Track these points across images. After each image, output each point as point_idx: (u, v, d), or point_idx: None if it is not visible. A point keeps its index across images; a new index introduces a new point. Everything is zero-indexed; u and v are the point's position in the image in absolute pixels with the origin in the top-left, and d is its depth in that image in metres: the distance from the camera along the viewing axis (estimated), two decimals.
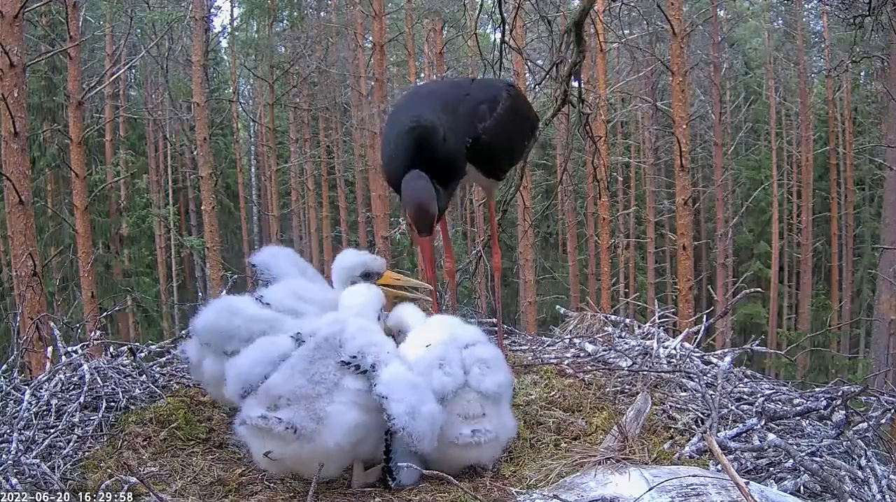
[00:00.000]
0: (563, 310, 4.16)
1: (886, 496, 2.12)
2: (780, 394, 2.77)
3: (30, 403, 2.55)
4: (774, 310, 20.64)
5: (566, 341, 3.71)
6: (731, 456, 2.21)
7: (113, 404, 2.69)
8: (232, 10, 22.36)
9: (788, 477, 2.14)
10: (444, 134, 2.59)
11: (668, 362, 3.12)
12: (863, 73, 20.93)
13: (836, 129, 21.62)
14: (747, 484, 1.85)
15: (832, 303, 21.36)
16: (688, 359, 3.17)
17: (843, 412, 2.45)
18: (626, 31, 15.25)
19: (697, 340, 3.79)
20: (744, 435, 2.39)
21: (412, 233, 2.79)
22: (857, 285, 21.54)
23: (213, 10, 17.79)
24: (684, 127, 9.45)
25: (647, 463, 2.06)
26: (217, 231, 11.75)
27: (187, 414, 2.63)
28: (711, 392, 2.66)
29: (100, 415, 2.56)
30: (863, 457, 2.28)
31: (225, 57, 25.07)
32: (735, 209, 20.36)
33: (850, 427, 2.43)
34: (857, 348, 19.68)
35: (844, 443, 2.36)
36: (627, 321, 3.82)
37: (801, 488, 2.11)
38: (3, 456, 2.15)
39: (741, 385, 2.94)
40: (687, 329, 3.59)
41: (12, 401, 2.66)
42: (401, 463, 2.07)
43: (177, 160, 23.59)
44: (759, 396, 2.70)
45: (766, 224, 22.12)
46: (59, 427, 2.46)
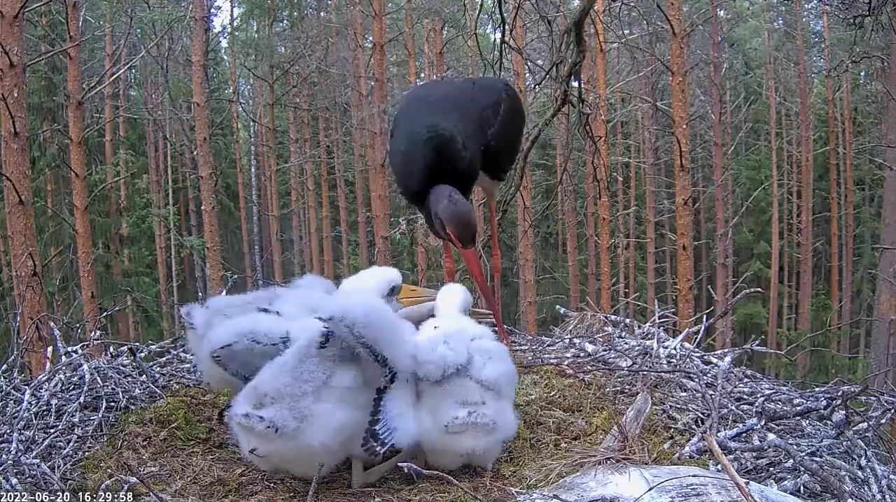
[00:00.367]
0: (563, 310, 4.16)
1: (886, 496, 2.12)
2: (780, 394, 2.77)
3: (30, 403, 2.55)
4: (774, 310, 20.66)
5: (566, 341, 3.70)
6: (731, 456, 2.20)
7: (113, 404, 2.68)
8: (232, 10, 22.44)
9: (788, 477, 2.14)
10: (463, 142, 2.59)
11: (668, 362, 3.11)
12: (863, 73, 20.94)
13: (836, 129, 21.63)
14: (747, 484, 1.85)
15: (832, 303, 21.37)
16: (688, 359, 3.16)
17: (843, 412, 2.45)
18: (626, 31, 15.27)
19: (697, 340, 3.79)
20: (744, 435, 2.39)
21: (452, 246, 2.72)
22: (857, 285, 21.55)
23: (213, 10, 17.83)
24: (684, 127, 9.46)
25: (647, 463, 2.06)
26: (217, 231, 11.77)
27: (187, 414, 2.63)
28: (711, 392, 2.66)
29: (100, 415, 2.56)
30: (863, 457, 2.28)
31: (225, 57, 25.10)
32: (735, 209, 20.37)
33: (850, 427, 2.43)
34: (857, 348, 19.69)
35: (844, 443, 2.36)
36: (627, 321, 3.81)
37: (801, 488, 2.11)
38: (3, 456, 2.15)
39: (741, 385, 2.93)
40: (687, 329, 3.58)
41: (12, 401, 2.66)
42: (393, 423, 2.02)
43: (177, 160, 23.60)
44: (759, 396, 2.70)
45: (766, 224, 22.13)
46: (59, 427, 2.46)
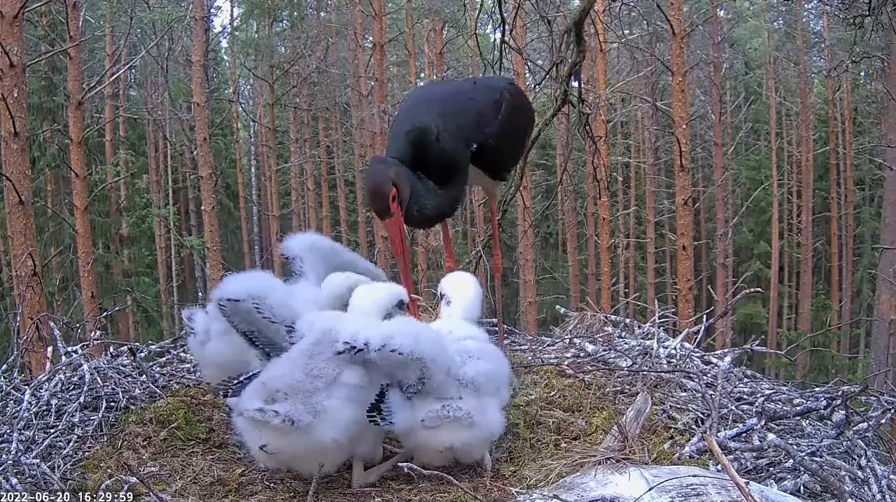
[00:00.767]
0: (563, 310, 4.16)
1: (886, 496, 2.12)
2: (780, 394, 2.77)
3: (30, 403, 2.55)
4: (774, 310, 20.64)
5: (566, 341, 3.71)
6: (731, 456, 2.20)
7: (113, 404, 2.69)
8: (232, 10, 22.39)
9: (788, 477, 2.14)
10: (438, 134, 2.62)
11: (668, 362, 3.12)
12: (863, 73, 20.93)
13: (836, 129, 21.61)
14: (747, 484, 1.85)
15: (832, 303, 21.35)
16: (688, 359, 3.16)
17: (843, 412, 2.45)
18: (626, 31, 15.26)
19: (697, 340, 3.79)
20: (744, 435, 2.39)
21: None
22: (857, 285, 21.53)
23: (213, 10, 17.81)
24: (684, 127, 9.46)
25: (647, 463, 2.06)
26: (217, 231, 11.76)
27: (187, 414, 2.63)
28: (711, 392, 2.66)
29: (100, 415, 2.56)
30: (863, 457, 2.28)
31: (225, 57, 25.08)
32: (735, 209, 20.36)
33: (850, 427, 2.43)
34: (857, 348, 19.67)
35: (844, 443, 2.36)
36: (627, 321, 3.81)
37: (801, 488, 2.11)
38: (3, 456, 2.15)
39: (741, 385, 2.94)
40: (687, 329, 3.58)
41: (12, 401, 2.66)
42: (395, 409, 2.05)
43: (177, 160, 23.58)
44: (759, 396, 2.70)
45: (766, 224, 22.11)
46: (59, 427, 2.46)
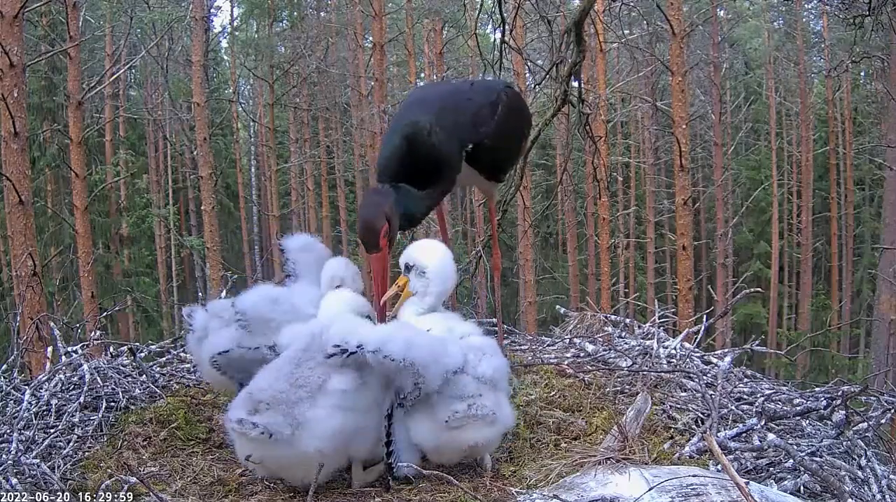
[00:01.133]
0: (563, 310, 4.16)
1: (886, 496, 2.12)
2: (780, 394, 2.77)
3: (30, 403, 2.55)
4: (774, 310, 20.64)
5: (566, 341, 3.71)
6: (731, 456, 2.20)
7: (113, 404, 2.69)
8: (232, 10, 22.39)
9: (788, 477, 2.14)
10: (431, 129, 2.62)
11: (668, 362, 3.12)
12: (863, 73, 20.93)
13: (836, 129, 21.61)
14: (747, 484, 1.85)
15: (832, 303, 21.35)
16: (688, 359, 3.16)
17: (843, 412, 2.45)
18: (626, 31, 15.27)
19: (697, 340, 3.79)
20: (744, 435, 2.39)
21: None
22: (857, 285, 21.53)
23: (213, 10, 17.80)
24: (684, 127, 9.46)
25: (647, 463, 2.06)
26: (217, 231, 11.76)
27: (187, 414, 2.63)
28: (711, 392, 2.66)
29: (100, 415, 2.56)
30: (863, 457, 2.28)
31: (225, 57, 25.08)
32: (735, 209, 20.35)
33: (850, 427, 2.43)
34: (857, 348, 19.67)
35: (844, 443, 2.36)
36: (627, 321, 3.81)
37: (801, 488, 2.11)
38: (3, 456, 2.15)
39: (741, 385, 2.94)
40: (687, 329, 3.58)
41: (12, 401, 2.66)
42: (401, 459, 2.07)
43: (177, 160, 23.58)
44: (759, 396, 2.70)
45: (766, 224, 22.11)
46: (59, 427, 2.46)
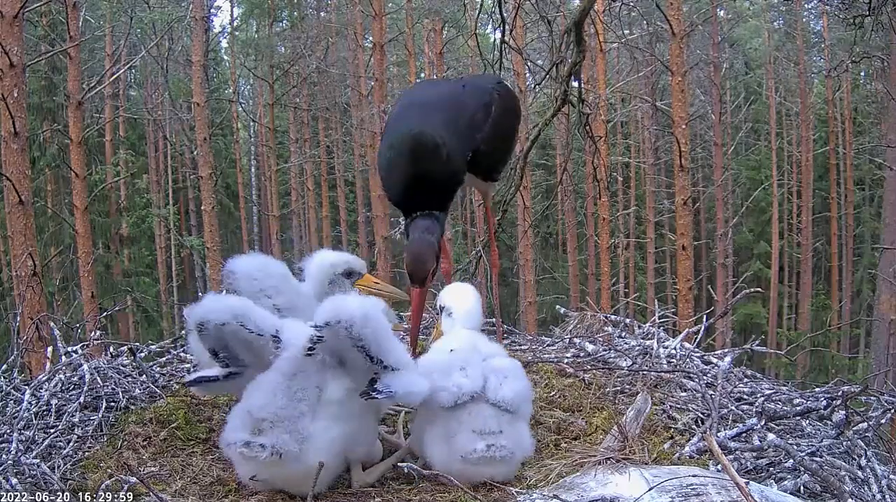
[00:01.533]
0: (563, 310, 4.15)
1: (886, 496, 2.12)
2: (780, 394, 2.77)
3: (30, 403, 2.55)
4: (774, 310, 20.64)
5: (566, 341, 3.70)
6: (731, 456, 2.20)
7: (113, 404, 2.68)
8: (232, 10, 22.43)
9: (788, 477, 2.14)
10: (448, 151, 2.58)
11: (668, 362, 3.11)
12: (863, 73, 20.94)
13: (836, 129, 21.63)
14: (747, 484, 1.85)
15: (832, 303, 21.36)
16: (688, 359, 3.16)
17: (843, 412, 2.45)
18: (626, 31, 15.27)
19: (697, 340, 3.78)
20: (744, 435, 2.38)
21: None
22: (857, 285, 21.54)
23: (213, 10, 17.82)
24: (683, 127, 9.47)
25: (647, 463, 2.06)
26: (217, 231, 11.78)
27: (187, 414, 2.63)
28: (711, 392, 2.66)
29: (100, 415, 2.56)
30: (863, 457, 2.28)
31: (225, 57, 25.11)
32: (735, 209, 20.37)
33: (850, 427, 2.43)
34: (857, 348, 19.68)
35: (844, 443, 2.35)
36: (627, 321, 3.81)
37: (801, 488, 2.11)
38: (3, 456, 2.14)
39: (741, 385, 2.93)
40: (687, 329, 3.58)
41: (12, 401, 2.66)
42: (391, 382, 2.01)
43: (177, 160, 23.59)
44: (759, 396, 2.70)
45: (766, 224, 22.12)
46: (59, 427, 2.45)
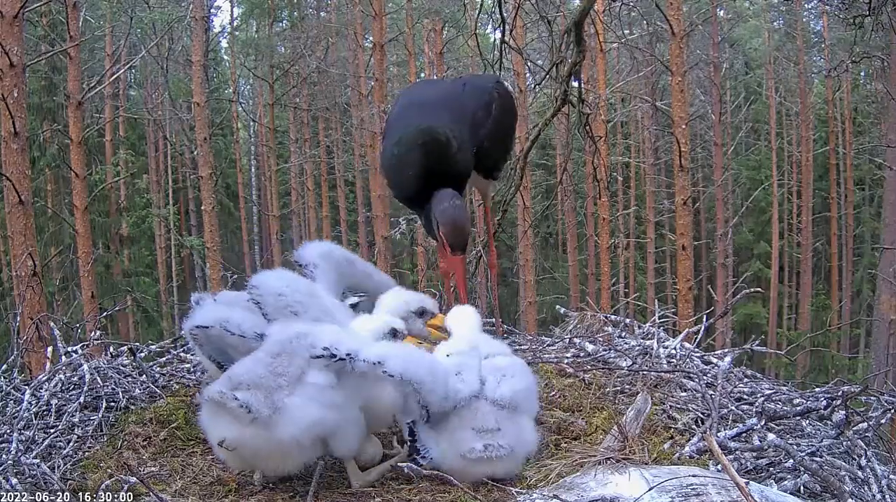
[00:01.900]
0: (563, 310, 4.15)
1: (886, 496, 2.12)
2: (780, 394, 2.77)
3: (30, 403, 2.55)
4: (774, 310, 20.64)
5: (566, 341, 3.70)
6: (731, 456, 2.20)
7: (113, 404, 2.68)
8: (232, 10, 22.42)
9: (788, 477, 2.14)
10: (454, 148, 2.62)
11: (668, 362, 3.11)
12: (863, 73, 20.94)
13: (836, 129, 21.63)
14: (747, 484, 1.85)
15: (832, 303, 21.36)
16: (688, 359, 3.16)
17: (843, 412, 2.45)
18: (626, 31, 15.29)
19: (697, 340, 3.78)
20: (744, 435, 2.38)
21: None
22: (857, 285, 21.54)
23: (213, 10, 17.82)
24: (683, 127, 9.46)
25: (647, 463, 2.06)
26: (217, 231, 11.78)
27: (187, 414, 2.63)
28: (711, 392, 2.66)
29: (100, 415, 2.56)
30: (863, 457, 2.27)
31: (225, 57, 25.10)
32: (735, 209, 20.37)
33: (850, 427, 2.43)
34: (857, 348, 19.67)
35: (844, 443, 2.35)
36: (627, 321, 3.81)
37: (801, 488, 2.11)
38: (3, 456, 2.15)
39: (741, 385, 2.93)
40: (687, 329, 3.58)
41: (12, 401, 2.66)
42: (426, 442, 2.09)
43: (177, 160, 23.59)
44: (759, 396, 2.70)
45: (766, 224, 22.13)
46: (59, 427, 2.46)
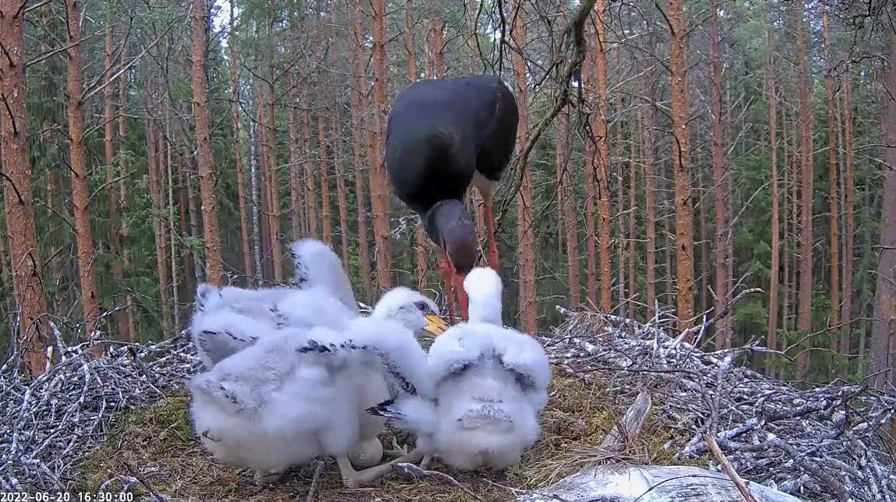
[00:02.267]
0: (563, 310, 4.15)
1: (886, 496, 2.12)
2: (780, 394, 2.77)
3: (30, 403, 2.55)
4: (774, 310, 20.64)
5: (566, 341, 3.70)
6: (731, 456, 2.20)
7: (113, 404, 2.69)
8: (232, 10, 22.41)
9: (788, 477, 2.14)
10: (459, 147, 2.62)
11: (668, 362, 3.11)
12: (863, 73, 20.93)
13: (836, 129, 21.62)
14: (747, 484, 1.85)
15: (832, 303, 21.36)
16: (688, 359, 3.16)
17: (843, 412, 2.45)
18: (626, 31, 15.29)
19: (697, 340, 3.78)
20: (744, 435, 2.39)
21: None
22: (857, 285, 21.53)
23: (213, 10, 17.82)
24: (683, 127, 9.46)
25: (647, 463, 2.06)
26: (217, 231, 11.77)
27: (187, 414, 2.62)
28: (711, 392, 2.66)
29: (100, 415, 2.56)
30: (863, 457, 2.27)
31: (225, 57, 25.09)
32: (735, 209, 20.36)
33: (850, 427, 2.43)
34: (857, 348, 19.67)
35: (844, 443, 2.35)
36: (627, 321, 3.81)
37: (801, 488, 2.11)
38: (3, 456, 2.15)
39: (741, 385, 2.93)
40: (687, 329, 3.58)
41: (12, 401, 2.66)
42: (402, 410, 2.06)
43: (177, 160, 23.58)
44: (759, 396, 2.70)
45: (766, 224, 22.12)
46: (59, 427, 2.46)
